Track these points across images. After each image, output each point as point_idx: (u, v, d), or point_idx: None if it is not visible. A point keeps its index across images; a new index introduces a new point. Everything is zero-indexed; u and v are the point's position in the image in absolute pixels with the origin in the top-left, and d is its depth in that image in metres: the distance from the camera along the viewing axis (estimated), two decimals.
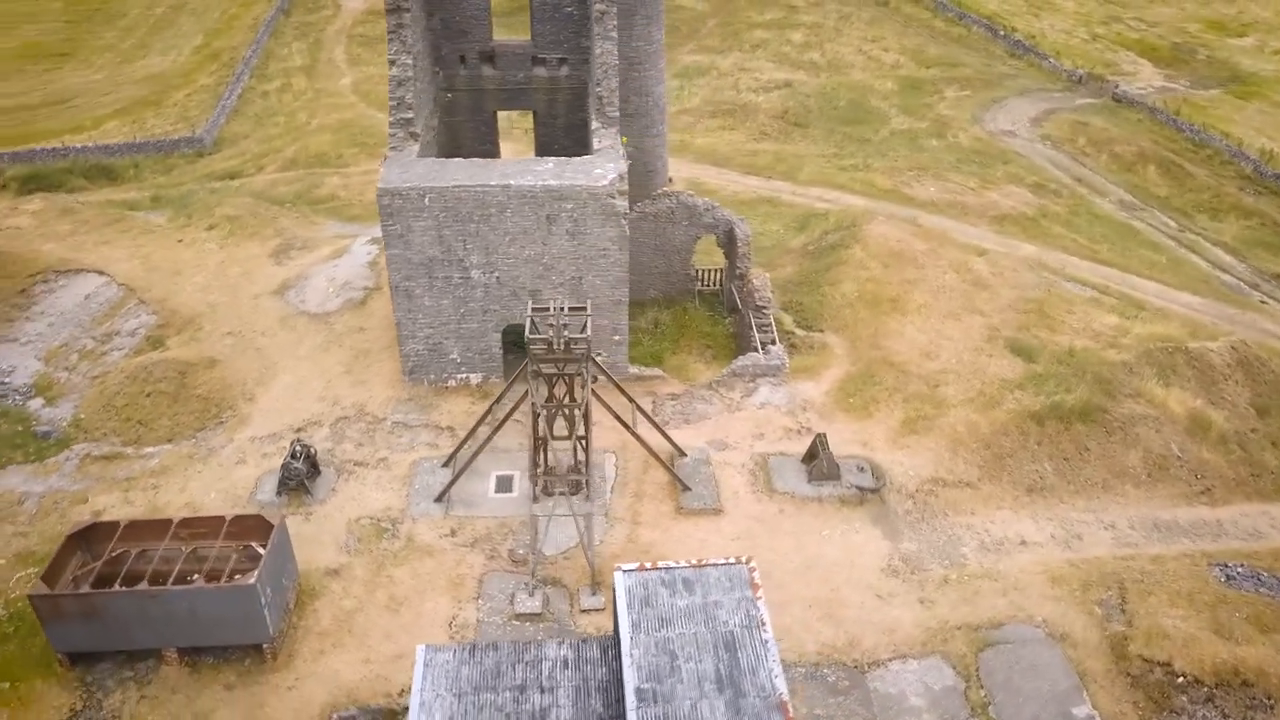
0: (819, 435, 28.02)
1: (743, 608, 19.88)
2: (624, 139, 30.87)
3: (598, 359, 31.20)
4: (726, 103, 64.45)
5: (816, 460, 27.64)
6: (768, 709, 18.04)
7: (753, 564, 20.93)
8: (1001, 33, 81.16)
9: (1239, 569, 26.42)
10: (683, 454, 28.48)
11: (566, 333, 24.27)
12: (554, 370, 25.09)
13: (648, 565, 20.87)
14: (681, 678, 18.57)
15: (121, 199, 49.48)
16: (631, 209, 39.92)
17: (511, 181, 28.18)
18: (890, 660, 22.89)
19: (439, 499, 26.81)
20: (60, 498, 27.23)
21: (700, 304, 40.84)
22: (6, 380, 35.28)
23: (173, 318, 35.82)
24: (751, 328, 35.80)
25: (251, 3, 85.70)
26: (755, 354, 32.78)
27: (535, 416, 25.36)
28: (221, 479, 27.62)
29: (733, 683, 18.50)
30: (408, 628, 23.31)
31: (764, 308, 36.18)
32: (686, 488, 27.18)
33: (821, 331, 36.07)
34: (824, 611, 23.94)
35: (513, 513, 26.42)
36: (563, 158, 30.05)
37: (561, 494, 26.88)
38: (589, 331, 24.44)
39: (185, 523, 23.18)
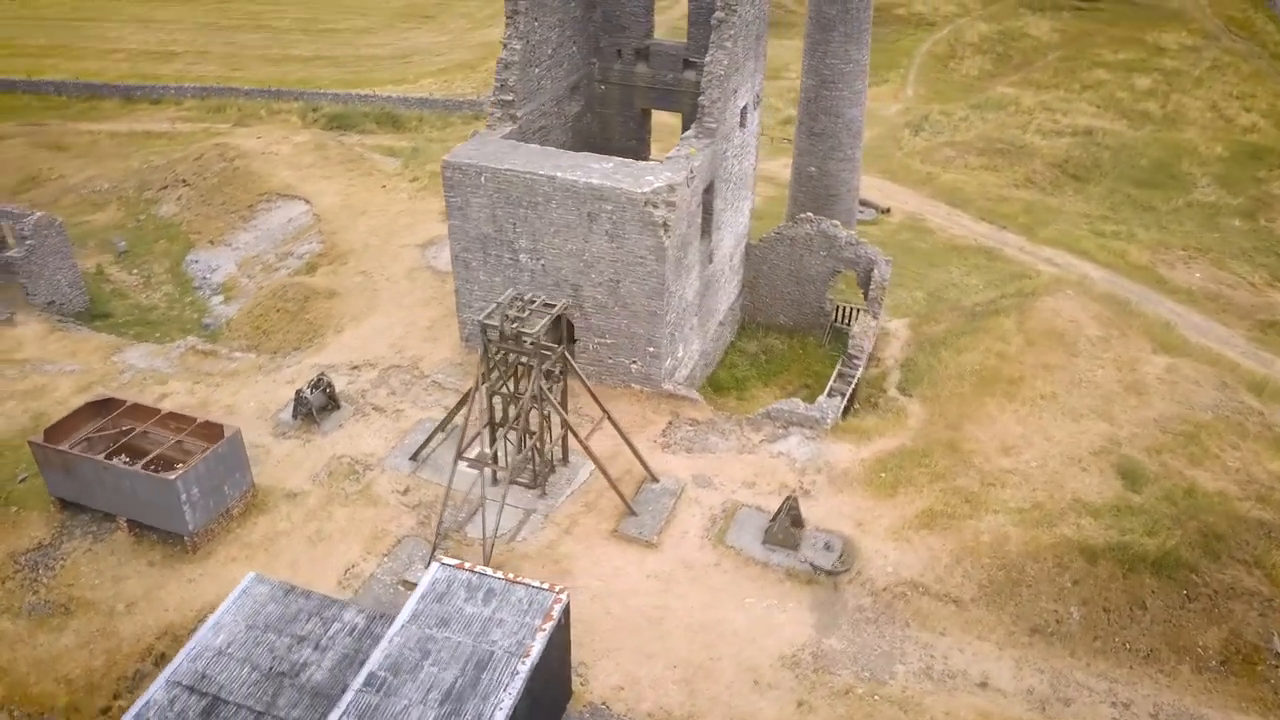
0: (789, 497, 25.56)
1: (520, 633, 19.23)
2: (691, 150, 29.82)
3: (632, 367, 30.82)
4: (1003, 141, 58.86)
5: (772, 523, 25.30)
6: None
7: (563, 595, 20.06)
8: None
9: None
10: (654, 479, 27.35)
11: (516, 325, 24.45)
12: (514, 360, 25.39)
13: (467, 565, 20.78)
14: (417, 678, 18.46)
15: (389, 145, 56.01)
16: (773, 231, 38.43)
17: (558, 174, 28.49)
18: None
19: (413, 457, 28.13)
20: (150, 376, 32.14)
21: (829, 341, 38.50)
22: (208, 277, 41.90)
23: (333, 250, 40.36)
24: (836, 376, 33.37)
25: None
26: (795, 400, 30.41)
27: (489, 398, 25.86)
28: (266, 392, 31.00)
29: (458, 700, 18.05)
30: (314, 561, 24.94)
31: (855, 357, 33.37)
32: (633, 512, 26.14)
33: (910, 396, 32.51)
34: (685, 676, 22.09)
35: (468, 488, 27.00)
36: (627, 159, 29.76)
37: (516, 483, 27.21)
38: (538, 328, 24.38)
39: (172, 415, 26.56)
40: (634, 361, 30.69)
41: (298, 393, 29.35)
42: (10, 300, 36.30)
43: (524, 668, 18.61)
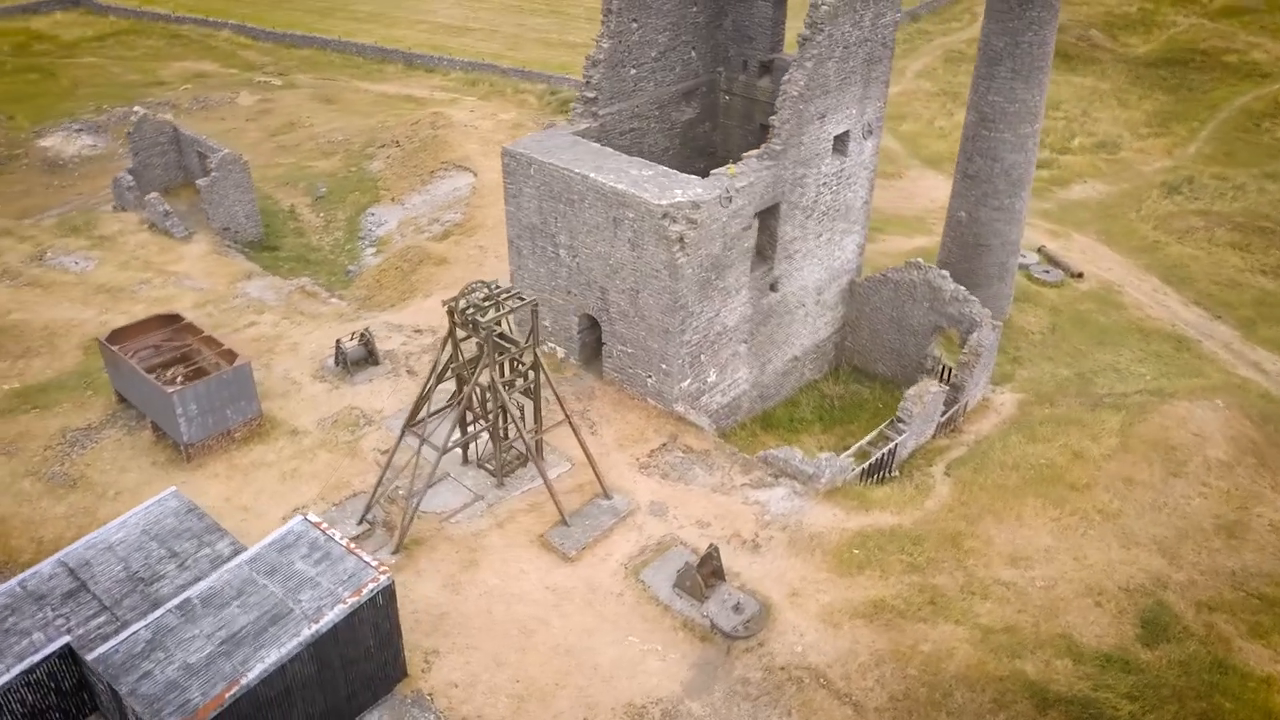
0: (711, 546, 23.90)
1: (325, 600, 20.00)
2: (730, 170, 28.34)
3: (648, 380, 30.14)
4: (1273, 219, 49.81)
5: (684, 569, 23.77)
6: (224, 680, 18.38)
7: (384, 576, 20.41)
8: None
9: None
10: (606, 495, 26.63)
11: (472, 313, 24.82)
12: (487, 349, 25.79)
13: (324, 526, 21.69)
14: (219, 614, 19.82)
15: None
16: (879, 273, 35.64)
17: (591, 174, 28.36)
18: None
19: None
20: (251, 305, 36.03)
21: None
22: (373, 230, 46.05)
23: (469, 221, 42.74)
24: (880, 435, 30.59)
25: (903, 2, 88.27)
26: (794, 450, 28.12)
27: (458, 380, 26.53)
28: (331, 338, 33.57)
29: (237, 643, 19.18)
30: (275, 495, 26.96)
31: (901, 420, 30.33)
32: (565, 523, 25.66)
33: (949, 475, 28.99)
34: (521, 693, 21.46)
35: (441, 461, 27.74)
36: (669, 170, 28.90)
37: (483, 467, 27.76)
38: (489, 318, 24.57)
39: (210, 339, 29.80)
40: (649, 375, 29.96)
41: (338, 342, 31.68)
42: (196, 221, 42.11)
43: (307, 632, 19.19)
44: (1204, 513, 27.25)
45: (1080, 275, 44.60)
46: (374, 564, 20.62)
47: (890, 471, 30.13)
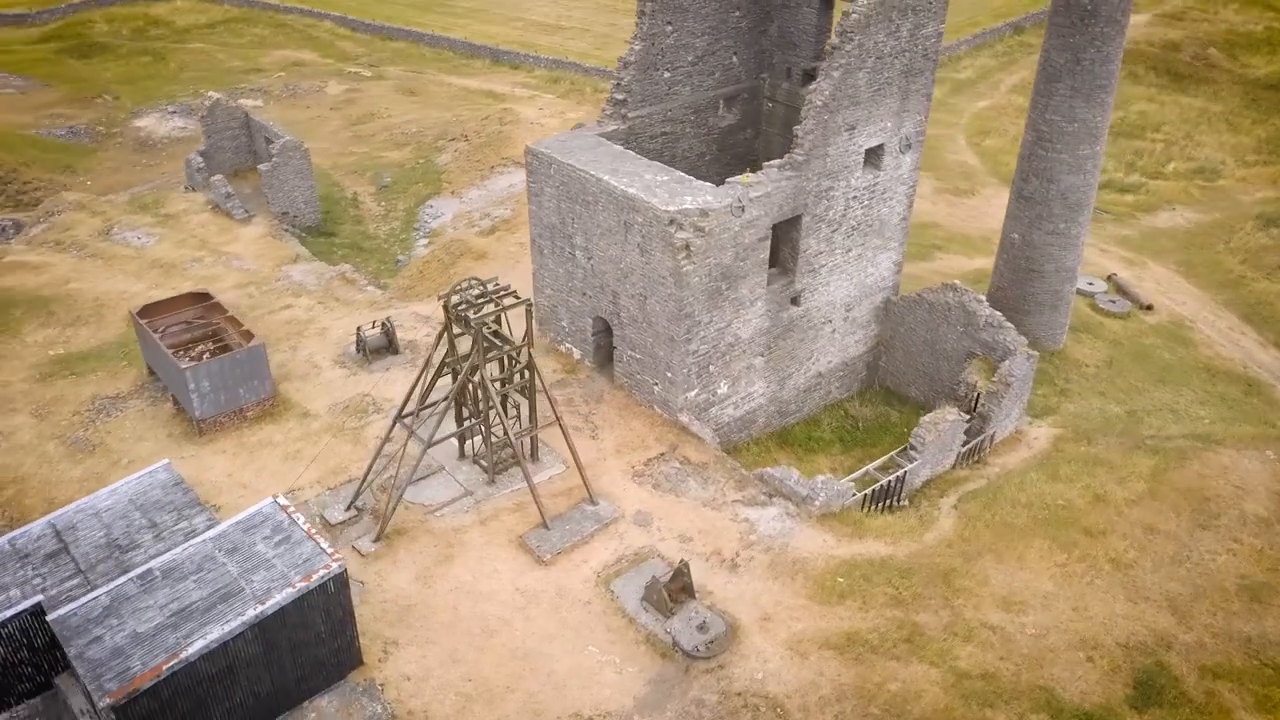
0: (682, 561, 23.39)
1: (275, 582, 20.43)
2: (744, 179, 27.66)
3: (655, 388, 29.80)
4: None
5: (651, 583, 23.31)
6: (165, 651, 18.88)
7: (337, 564, 20.65)
8: None
9: None
10: (592, 501, 26.37)
11: (463, 309, 24.90)
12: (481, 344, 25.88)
13: (291, 509, 22.10)
14: (175, 587, 20.45)
15: None
16: (914, 293, 34.37)
17: (605, 177, 28.14)
18: None
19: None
20: (289, 289, 37.02)
21: None
22: (429, 222, 46.97)
23: (515, 218, 43.03)
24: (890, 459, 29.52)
25: (1007, 12, 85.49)
26: (791, 469, 27.27)
27: (453, 375, 26.69)
28: (358, 324, 34.28)
29: (185, 616, 19.72)
30: (275, 474, 27.60)
31: (913, 448, 29.19)
32: (545, 525, 25.50)
33: (956, 509, 27.72)
34: (470, 693, 21.39)
35: (431, 454, 27.90)
36: (685, 176, 28.43)
37: (478, 463, 27.88)
38: (482, 314, 24.60)
39: (234, 318, 30.74)
40: (656, 383, 29.58)
41: (358, 329, 32.28)
42: (258, 204, 43.58)
43: (252, 612, 19.54)
44: (1229, 571, 25.34)
45: (1150, 307, 42.13)
46: (329, 551, 20.88)
47: (899, 500, 29.02)
